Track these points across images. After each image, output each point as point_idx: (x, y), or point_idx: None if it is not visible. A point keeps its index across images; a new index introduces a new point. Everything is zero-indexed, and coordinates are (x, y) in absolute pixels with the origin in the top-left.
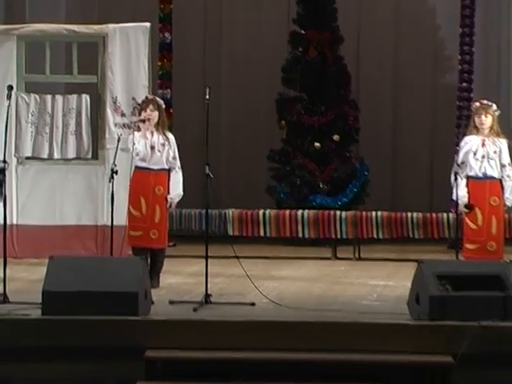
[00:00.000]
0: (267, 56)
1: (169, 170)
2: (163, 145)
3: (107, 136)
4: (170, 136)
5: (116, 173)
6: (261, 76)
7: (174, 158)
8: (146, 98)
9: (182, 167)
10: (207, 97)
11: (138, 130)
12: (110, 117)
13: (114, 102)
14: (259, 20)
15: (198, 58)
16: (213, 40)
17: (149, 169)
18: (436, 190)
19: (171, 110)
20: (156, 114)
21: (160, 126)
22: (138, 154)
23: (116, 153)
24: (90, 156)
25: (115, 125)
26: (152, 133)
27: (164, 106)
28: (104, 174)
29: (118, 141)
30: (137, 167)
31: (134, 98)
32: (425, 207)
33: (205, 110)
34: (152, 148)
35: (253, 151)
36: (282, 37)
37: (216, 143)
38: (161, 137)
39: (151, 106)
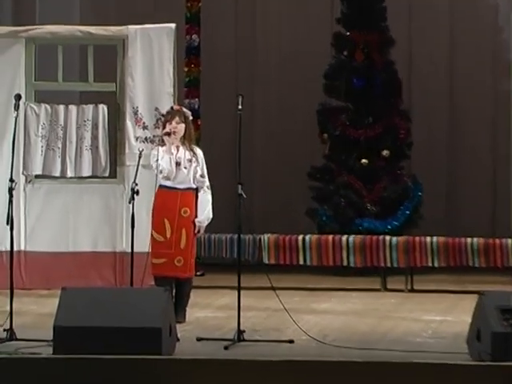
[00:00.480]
0: (307, 61)
1: (196, 190)
2: (190, 161)
3: (127, 151)
4: (198, 151)
5: (137, 193)
6: (300, 83)
7: (203, 175)
8: (172, 108)
9: (212, 186)
10: (240, 107)
11: (162, 144)
12: (131, 129)
13: (135, 113)
14: (298, 20)
15: (230, 64)
16: (246, 43)
17: (174, 188)
18: (499, 211)
19: (199, 122)
20: (182, 126)
21: (187, 140)
22: (161, 172)
23: (137, 170)
24: (107, 174)
25: (136, 139)
26: (178, 148)
27: (191, 118)
28: (123, 194)
29: (140, 157)
30: (161, 186)
31: (157, 109)
32: (487, 232)
33: (237, 122)
34: (178, 165)
35: (291, 168)
36: (324, 39)
37: (249, 159)
38: (187, 152)
39: (177, 118)
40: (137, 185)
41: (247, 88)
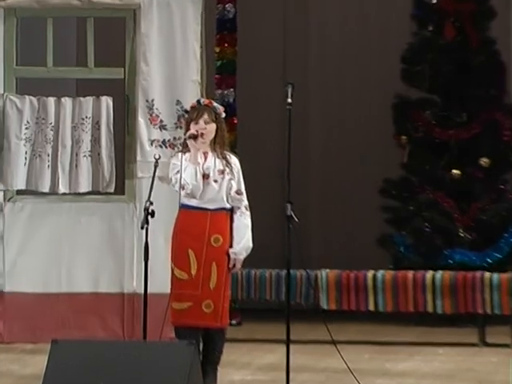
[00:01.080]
0: (378, 39)
1: (231, 211)
2: (222, 172)
3: (139, 159)
4: (233, 160)
5: (152, 215)
6: (369, 69)
7: (239, 192)
8: (198, 102)
9: (251, 206)
10: (289, 100)
11: (186, 150)
12: (144, 130)
13: (150, 108)
14: None
15: (275, 43)
16: (297, 16)
17: (201, 209)
18: None
19: (235, 121)
20: (213, 126)
21: (218, 145)
22: (184, 188)
23: (152, 185)
24: (112, 189)
25: (151, 142)
26: (206, 155)
27: (224, 115)
28: (134, 217)
29: (156, 166)
30: (183, 206)
31: (179, 103)
32: None
33: (285, 121)
34: (206, 177)
35: (357, 182)
36: (401, 10)
37: (302, 170)
38: (219, 161)
39: (206, 116)
40: (152, 204)
41: (298, 76)
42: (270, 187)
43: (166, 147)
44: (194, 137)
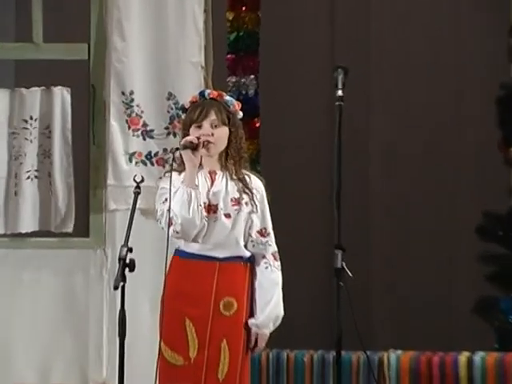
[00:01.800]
0: (469, 8)
1: (251, 261)
2: (238, 203)
3: (111, 183)
4: (256, 183)
5: (131, 267)
6: (459, 40)
7: (265, 232)
8: (202, 95)
9: (283, 254)
10: (339, 93)
11: (181, 168)
12: (118, 138)
13: (128, 105)
14: None
15: (321, 4)
16: None
17: (206, 257)
18: None
19: (258, 124)
20: (223, 132)
21: (232, 161)
22: (174, 225)
23: (131, 222)
24: (70, 229)
25: (129, 157)
26: (213, 175)
27: (241, 115)
28: (103, 270)
29: (137, 194)
30: (179, 254)
31: (172, 96)
32: None
33: (333, 123)
34: (213, 210)
35: (441, 217)
36: None
37: (359, 199)
38: (233, 184)
39: (213, 116)
40: (130, 251)
41: (354, 59)
42: (311, 225)
43: (153, 164)
44: (193, 146)
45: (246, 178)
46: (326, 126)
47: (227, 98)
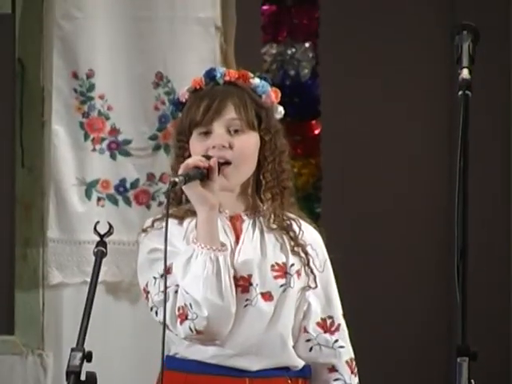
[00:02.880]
0: None
1: (304, 377)
2: (285, 272)
3: (52, 236)
4: (311, 234)
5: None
6: None
7: (330, 324)
8: (211, 77)
9: (360, 356)
10: (464, 74)
11: (181, 212)
12: (67, 154)
13: (84, 94)
14: None
15: None
16: None
17: (227, 371)
18: None
19: (316, 130)
20: (250, 141)
21: (269, 194)
22: (200, 330)
23: (89, 304)
24: None
25: (86, 188)
26: (236, 224)
27: (282, 113)
28: None
29: (100, 257)
30: (172, 364)
31: (162, 81)
32: None
33: (449, 127)
34: (241, 287)
35: None
36: None
37: (497, 255)
38: (273, 238)
39: (230, 114)
40: (87, 359)
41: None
42: (409, 298)
43: (129, 203)
44: (203, 174)
45: (294, 224)
46: (438, 129)
47: (256, 81)
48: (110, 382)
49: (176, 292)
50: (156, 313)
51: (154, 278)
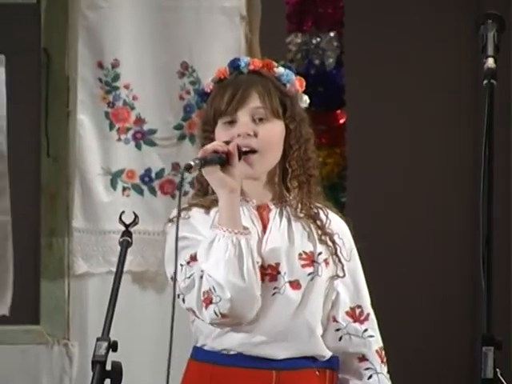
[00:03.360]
0: None
1: (331, 368)
2: (313, 261)
3: (78, 226)
4: (338, 223)
5: (115, 376)
6: None
7: (360, 314)
8: (235, 66)
9: (392, 347)
10: (489, 63)
11: (203, 200)
12: (93, 143)
13: (109, 84)
14: None
15: None
16: None
17: (253, 361)
18: None
19: (341, 120)
20: (276, 130)
21: (296, 182)
22: (225, 313)
23: (114, 295)
24: (6, 311)
25: (112, 178)
26: (263, 213)
27: (307, 102)
28: (63, 379)
29: (126, 247)
30: (198, 355)
31: (187, 70)
32: None
33: (475, 118)
34: (269, 276)
35: None
36: None
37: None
38: (301, 227)
39: (255, 102)
40: (113, 348)
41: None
42: (441, 299)
43: (154, 192)
44: (222, 159)
45: (322, 213)
46: (464, 125)
47: (280, 70)
48: (136, 372)
49: (201, 278)
50: (183, 300)
51: (181, 265)
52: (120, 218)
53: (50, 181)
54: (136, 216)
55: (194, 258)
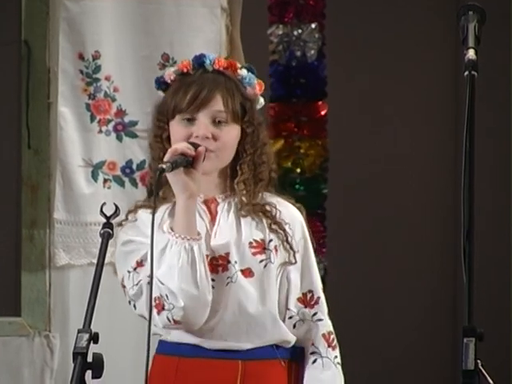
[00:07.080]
0: None
1: (298, 355)
2: (264, 248)
3: (59, 217)
4: (290, 211)
5: (96, 367)
6: None
7: (310, 298)
8: (200, 63)
9: (346, 339)
10: (470, 54)
11: (163, 200)
12: (73, 135)
13: (90, 75)
14: None
15: None
16: None
17: (217, 354)
18: None
19: (322, 111)
20: (234, 134)
21: (242, 178)
22: (178, 320)
23: (95, 286)
24: None
25: (93, 170)
26: (210, 206)
27: (262, 103)
28: (44, 371)
29: (107, 238)
30: (163, 348)
31: (168, 62)
32: None
33: (455, 112)
34: (221, 266)
35: None
36: None
37: (498, 241)
38: (249, 217)
39: (217, 105)
40: (94, 340)
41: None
42: (411, 291)
43: (135, 184)
44: (188, 161)
45: (268, 207)
46: (445, 116)
47: (244, 72)
48: (117, 364)
49: (149, 283)
50: (134, 306)
51: (128, 271)
52: (101, 210)
53: (30, 173)
54: (117, 208)
55: (140, 264)
